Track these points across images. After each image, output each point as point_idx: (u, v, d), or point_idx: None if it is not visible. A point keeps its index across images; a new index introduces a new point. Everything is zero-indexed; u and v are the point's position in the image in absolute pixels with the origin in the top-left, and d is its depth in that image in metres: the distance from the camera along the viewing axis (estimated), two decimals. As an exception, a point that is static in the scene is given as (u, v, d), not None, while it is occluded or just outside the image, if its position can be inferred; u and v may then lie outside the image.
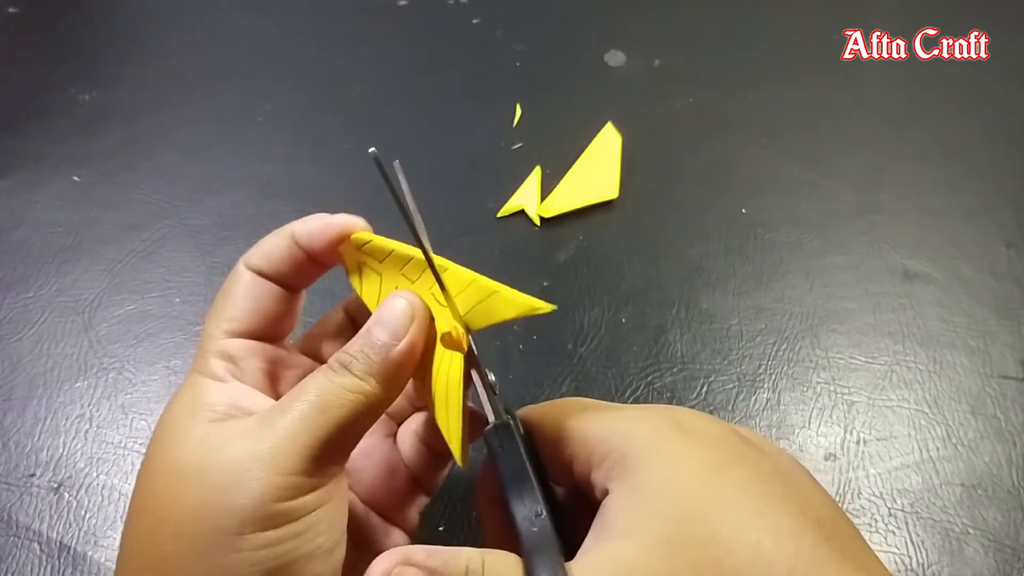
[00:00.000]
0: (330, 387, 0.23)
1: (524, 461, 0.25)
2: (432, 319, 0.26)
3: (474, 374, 0.26)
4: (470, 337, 0.26)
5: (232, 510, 0.21)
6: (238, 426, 0.23)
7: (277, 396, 0.26)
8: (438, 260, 0.26)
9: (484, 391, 0.26)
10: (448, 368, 0.26)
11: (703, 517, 0.21)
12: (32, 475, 0.37)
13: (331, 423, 0.23)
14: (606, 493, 0.23)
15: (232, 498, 0.21)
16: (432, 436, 0.30)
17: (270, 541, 0.22)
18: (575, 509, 0.26)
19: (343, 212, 0.28)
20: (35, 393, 0.39)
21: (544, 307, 0.24)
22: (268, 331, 0.27)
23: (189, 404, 0.25)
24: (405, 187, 0.26)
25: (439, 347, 0.26)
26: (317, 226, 0.27)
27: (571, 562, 0.22)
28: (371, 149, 0.23)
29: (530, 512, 0.24)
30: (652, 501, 0.22)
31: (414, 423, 0.31)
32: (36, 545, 0.35)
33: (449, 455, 0.29)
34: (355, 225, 0.28)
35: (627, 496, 0.23)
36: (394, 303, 0.25)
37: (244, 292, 0.27)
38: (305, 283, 0.28)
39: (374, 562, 0.22)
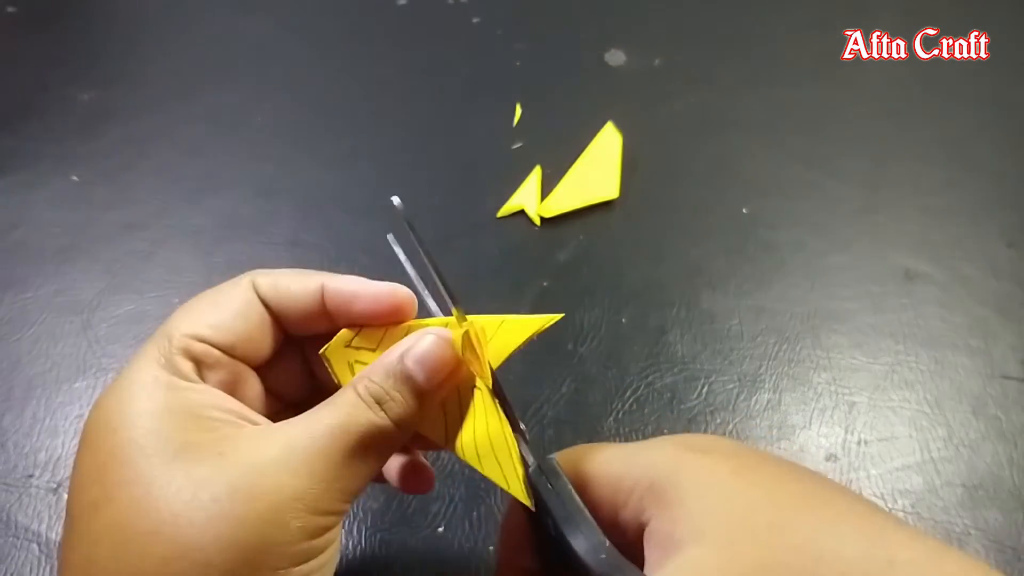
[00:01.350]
0: (365, 429, 0.23)
1: (574, 495, 0.24)
2: (459, 362, 0.25)
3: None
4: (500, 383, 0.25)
5: (269, 548, 0.21)
6: (260, 449, 0.22)
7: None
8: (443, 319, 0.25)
9: (518, 436, 0.26)
10: (486, 417, 0.25)
11: (757, 508, 0.21)
12: (31, 476, 0.37)
13: (364, 467, 0.23)
14: (641, 527, 0.23)
15: (270, 535, 0.21)
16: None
17: (299, 575, 0.21)
18: None
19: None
20: (34, 393, 0.39)
21: (552, 318, 0.25)
22: (241, 352, 0.26)
23: (170, 405, 0.22)
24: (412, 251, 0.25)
25: (476, 396, 0.25)
26: (352, 294, 0.25)
27: None
28: (394, 199, 0.22)
29: (592, 543, 0.23)
30: (702, 507, 0.22)
31: None
32: (35, 545, 0.35)
33: (376, 481, 0.29)
34: (402, 303, 0.25)
35: (674, 511, 0.22)
36: (435, 342, 0.24)
37: (239, 308, 0.25)
38: (304, 333, 0.27)
39: None
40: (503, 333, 0.25)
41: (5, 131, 0.51)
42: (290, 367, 0.28)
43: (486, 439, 0.25)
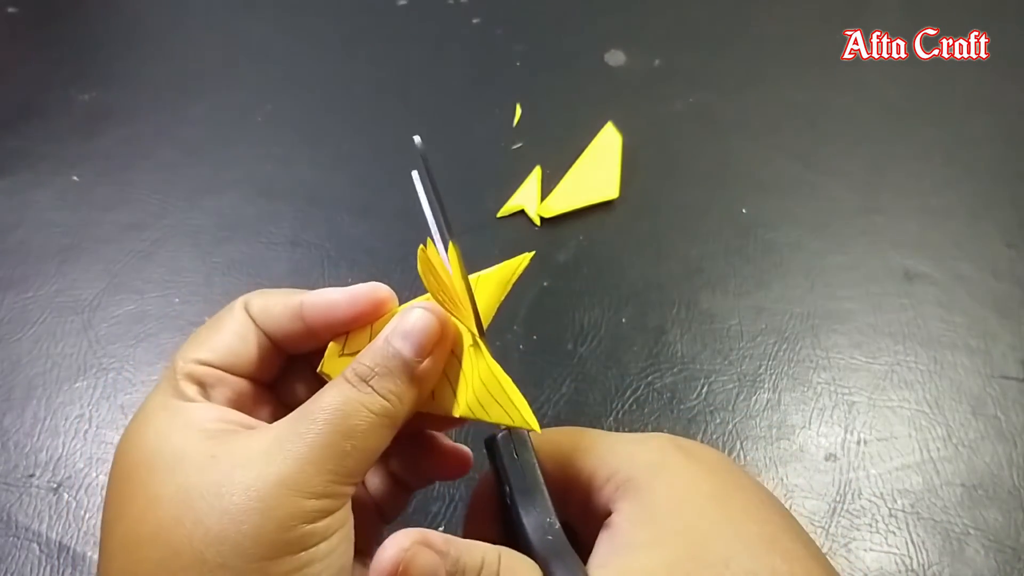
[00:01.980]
0: (351, 407, 0.22)
1: (537, 470, 0.24)
2: (455, 330, 0.25)
3: None
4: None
5: (260, 537, 0.21)
6: (249, 445, 0.22)
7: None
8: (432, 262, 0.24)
9: None
10: (475, 364, 0.25)
11: (719, 539, 0.22)
12: (31, 475, 0.37)
13: (355, 447, 0.22)
14: (607, 515, 0.23)
15: (258, 524, 0.21)
16: (403, 467, 0.29)
17: (301, 564, 0.21)
18: None
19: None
20: (34, 393, 0.39)
21: (524, 259, 0.25)
22: (243, 370, 0.26)
23: (172, 424, 0.23)
24: (425, 187, 0.25)
25: (466, 352, 0.25)
26: (330, 302, 0.25)
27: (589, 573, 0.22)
28: (416, 138, 0.23)
29: (542, 521, 0.23)
30: (667, 520, 0.22)
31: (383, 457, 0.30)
32: (35, 545, 0.35)
33: (416, 484, 0.29)
34: (381, 297, 0.25)
35: (639, 513, 0.23)
36: (419, 314, 0.24)
37: (235, 330, 0.26)
38: (298, 351, 0.27)
39: (389, 539, 0.21)
40: (483, 289, 0.25)
41: (6, 131, 0.51)
42: (303, 382, 0.28)
43: (482, 387, 0.24)
